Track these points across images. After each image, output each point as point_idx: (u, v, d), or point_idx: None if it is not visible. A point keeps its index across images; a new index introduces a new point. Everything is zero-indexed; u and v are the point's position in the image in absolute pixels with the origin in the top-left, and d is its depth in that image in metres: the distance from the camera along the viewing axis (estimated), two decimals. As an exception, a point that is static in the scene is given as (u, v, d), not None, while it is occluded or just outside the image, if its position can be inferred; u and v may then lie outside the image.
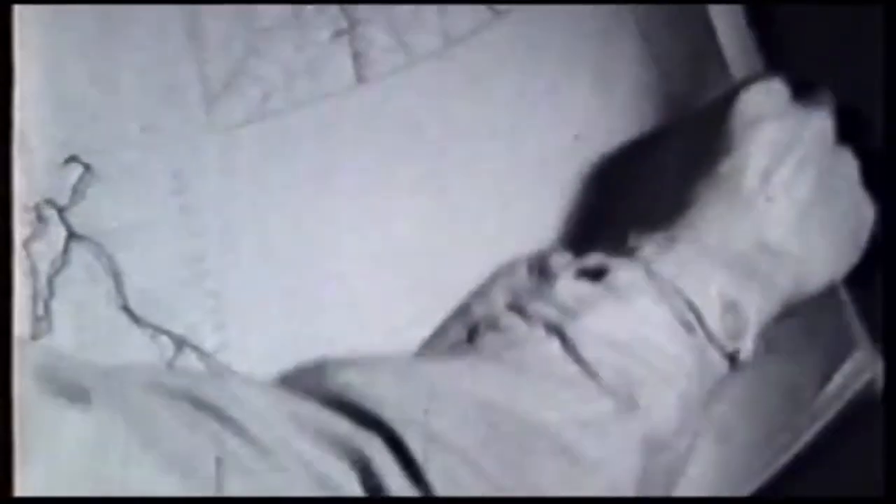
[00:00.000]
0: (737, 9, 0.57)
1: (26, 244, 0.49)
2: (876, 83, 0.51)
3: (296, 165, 0.50)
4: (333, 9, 0.51)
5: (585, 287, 0.46)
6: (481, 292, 0.50)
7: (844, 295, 0.54)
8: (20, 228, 0.55)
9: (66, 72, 0.47)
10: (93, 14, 0.47)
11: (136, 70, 0.48)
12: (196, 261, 0.48)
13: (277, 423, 0.38)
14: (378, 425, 0.39)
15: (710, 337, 0.45)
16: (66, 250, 0.48)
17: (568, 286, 0.46)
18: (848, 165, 0.51)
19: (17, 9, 0.50)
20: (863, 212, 0.51)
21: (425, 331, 0.50)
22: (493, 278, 0.51)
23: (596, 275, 0.46)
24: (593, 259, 0.47)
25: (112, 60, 0.48)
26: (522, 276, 0.50)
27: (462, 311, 0.50)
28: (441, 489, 0.39)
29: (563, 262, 0.48)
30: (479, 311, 0.49)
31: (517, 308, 0.46)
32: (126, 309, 0.47)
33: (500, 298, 0.48)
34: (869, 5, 0.53)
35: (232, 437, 0.37)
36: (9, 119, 0.55)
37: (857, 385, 0.54)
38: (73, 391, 0.35)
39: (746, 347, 0.46)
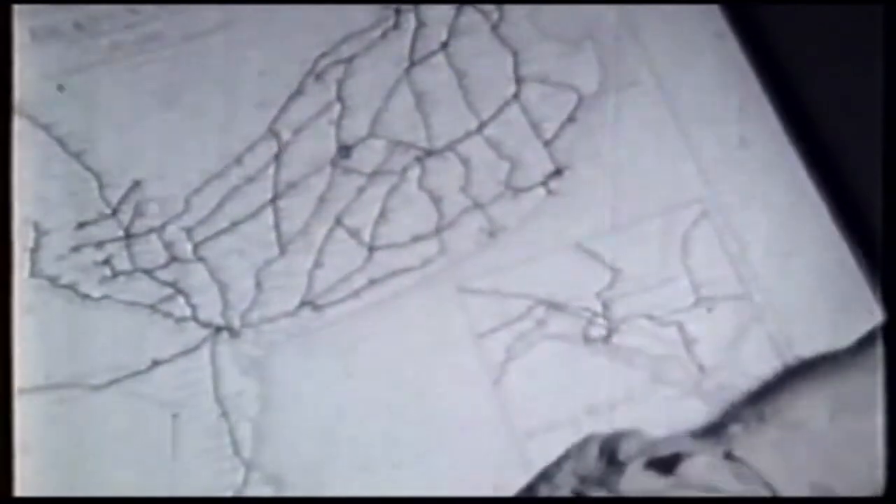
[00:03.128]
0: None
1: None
2: (876, 83, 0.51)
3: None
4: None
5: (653, 480, 0.44)
6: (549, 473, 0.49)
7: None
8: (20, 232, 0.55)
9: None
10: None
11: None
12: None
13: None
14: None
15: None
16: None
17: (635, 478, 0.44)
18: None
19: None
20: None
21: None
22: (564, 458, 0.49)
23: (670, 463, 0.44)
24: (669, 445, 0.45)
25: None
26: (592, 458, 0.48)
27: (528, 491, 0.49)
28: None
29: (635, 448, 0.46)
30: (543, 493, 0.48)
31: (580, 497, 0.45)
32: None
33: (566, 483, 0.47)
34: (869, 5, 0.52)
35: None
36: (8, 118, 0.56)
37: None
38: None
39: None
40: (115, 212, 0.55)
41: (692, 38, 0.57)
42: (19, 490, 0.51)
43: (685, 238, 0.54)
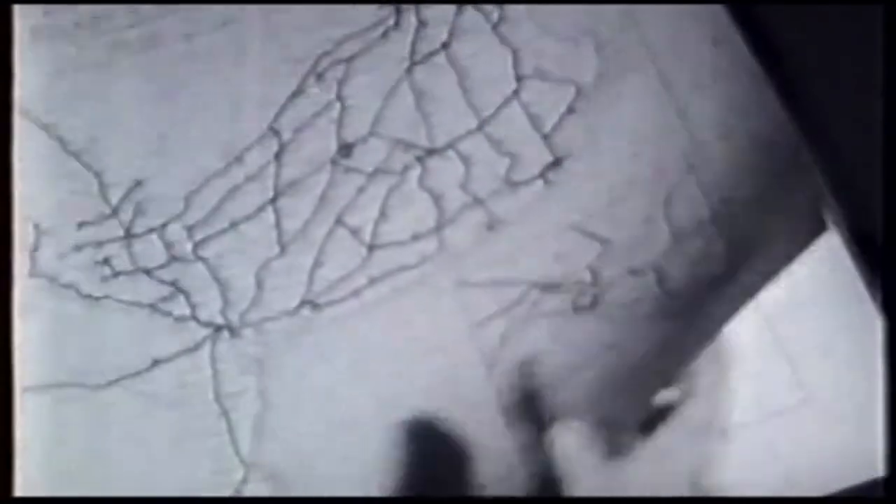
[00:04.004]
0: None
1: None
2: (876, 83, 0.51)
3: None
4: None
5: None
6: None
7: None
8: (19, 231, 0.55)
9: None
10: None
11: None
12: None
13: None
14: None
15: None
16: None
17: None
18: None
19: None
20: None
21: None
22: None
23: None
24: None
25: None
26: None
27: None
28: None
29: None
30: None
31: None
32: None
33: None
34: (869, 5, 0.52)
35: None
36: (9, 117, 0.56)
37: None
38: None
39: None
40: (115, 211, 0.55)
41: (692, 31, 0.57)
42: (19, 490, 0.51)
43: (669, 193, 0.55)
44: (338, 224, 0.55)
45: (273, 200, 0.56)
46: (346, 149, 0.56)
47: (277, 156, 0.56)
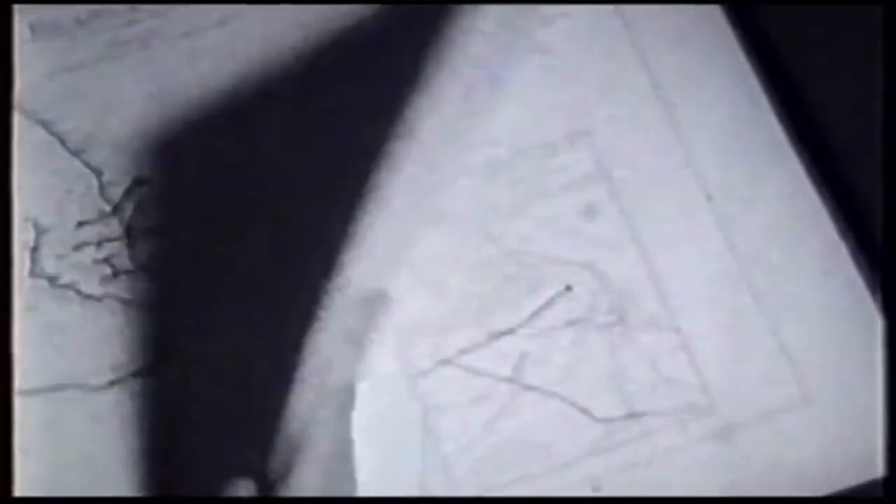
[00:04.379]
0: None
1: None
2: (876, 83, 0.51)
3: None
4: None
5: None
6: None
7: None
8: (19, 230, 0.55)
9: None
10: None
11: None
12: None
13: None
14: None
15: None
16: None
17: None
18: None
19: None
20: None
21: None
22: None
23: None
24: None
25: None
26: None
27: None
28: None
29: None
30: None
31: None
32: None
33: None
34: (869, 5, 0.53)
35: None
36: (8, 117, 0.55)
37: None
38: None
39: None
40: (115, 209, 0.55)
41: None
42: (19, 491, 0.51)
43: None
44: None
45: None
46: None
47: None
